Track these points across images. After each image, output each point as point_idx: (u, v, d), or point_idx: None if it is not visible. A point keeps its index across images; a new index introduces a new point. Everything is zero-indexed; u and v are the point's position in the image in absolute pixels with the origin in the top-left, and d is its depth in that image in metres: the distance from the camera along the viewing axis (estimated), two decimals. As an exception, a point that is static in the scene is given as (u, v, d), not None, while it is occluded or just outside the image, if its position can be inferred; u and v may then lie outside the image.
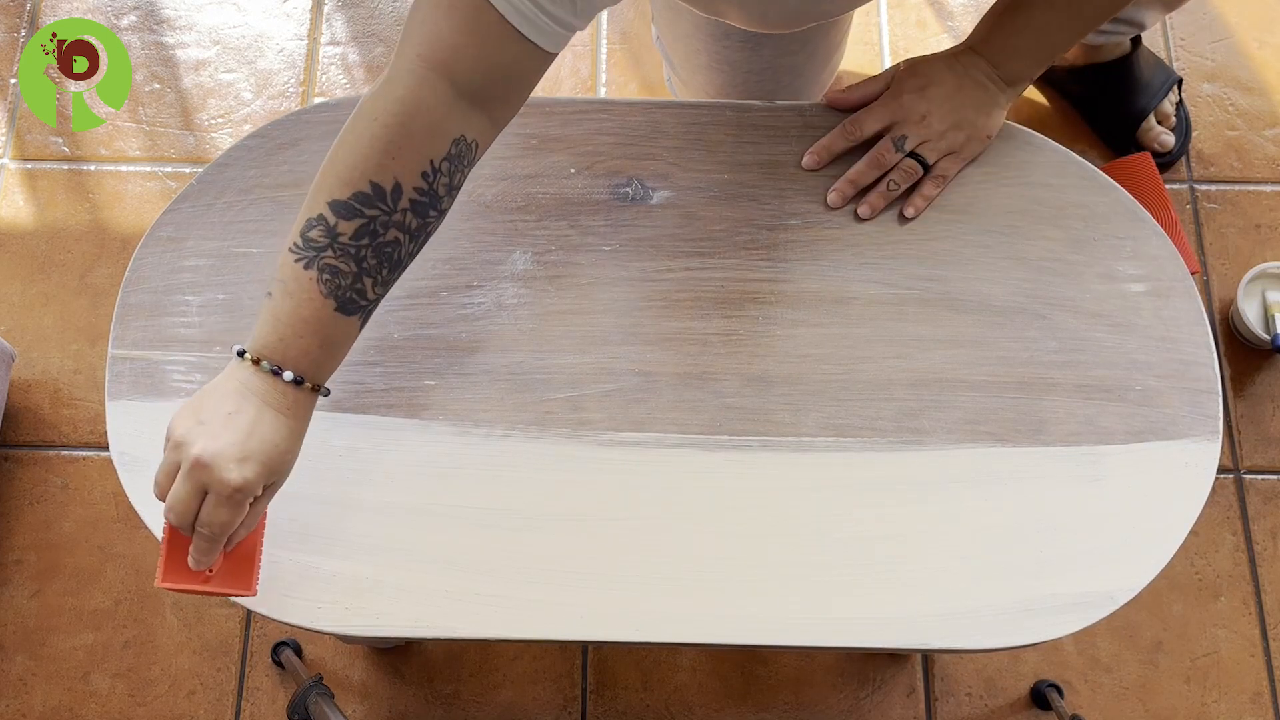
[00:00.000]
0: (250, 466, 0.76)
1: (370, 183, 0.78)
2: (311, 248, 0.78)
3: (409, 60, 0.78)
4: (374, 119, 0.78)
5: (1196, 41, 1.63)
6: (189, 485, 0.76)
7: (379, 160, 0.78)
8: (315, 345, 0.79)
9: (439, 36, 0.78)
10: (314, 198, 0.79)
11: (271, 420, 0.78)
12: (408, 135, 0.78)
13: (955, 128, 0.96)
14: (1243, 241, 1.52)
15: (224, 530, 0.77)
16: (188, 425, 0.77)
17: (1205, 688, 1.32)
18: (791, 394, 0.92)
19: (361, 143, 0.78)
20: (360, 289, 0.79)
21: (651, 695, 1.32)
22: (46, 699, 1.32)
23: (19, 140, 1.57)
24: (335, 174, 0.78)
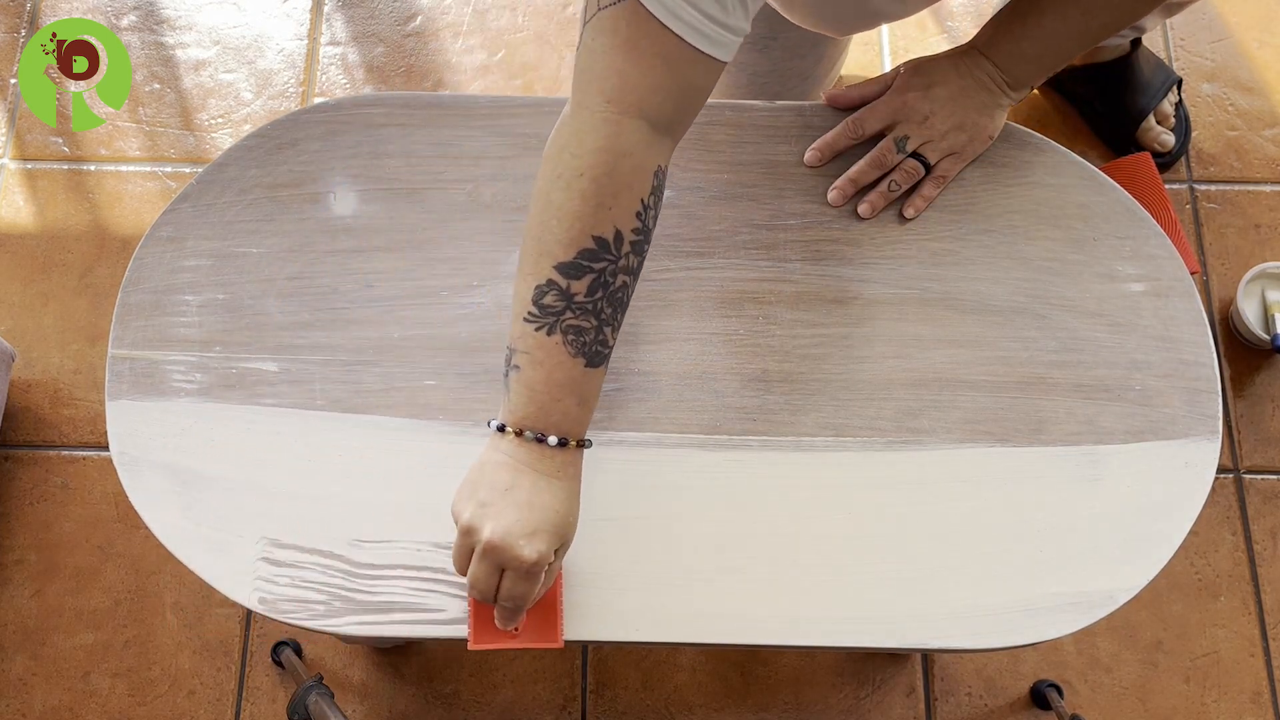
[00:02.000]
0: (541, 539, 0.78)
1: (593, 237, 0.78)
2: (549, 314, 0.78)
3: (597, 108, 0.78)
4: (579, 175, 0.78)
5: (1196, 41, 1.63)
6: (486, 566, 0.78)
7: (595, 214, 0.78)
8: (574, 404, 0.80)
9: (625, 78, 0.78)
10: (535, 263, 0.79)
11: (547, 487, 0.79)
12: (616, 183, 0.78)
13: (958, 129, 0.96)
14: (1242, 241, 1.52)
15: (525, 600, 0.79)
16: (471, 509, 0.79)
17: (1205, 687, 1.32)
18: (791, 394, 0.92)
19: (573, 201, 0.78)
20: (603, 339, 0.80)
21: (651, 695, 1.32)
22: (46, 699, 1.32)
23: (19, 140, 1.57)
24: (553, 236, 0.78)
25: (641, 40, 0.77)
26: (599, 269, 0.78)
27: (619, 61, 0.78)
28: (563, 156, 0.79)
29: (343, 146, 0.99)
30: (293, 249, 0.96)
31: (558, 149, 0.79)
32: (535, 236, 0.79)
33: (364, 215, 0.97)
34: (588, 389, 0.80)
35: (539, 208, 0.80)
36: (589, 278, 0.78)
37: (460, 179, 0.98)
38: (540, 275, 0.79)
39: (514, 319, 0.80)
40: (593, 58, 0.79)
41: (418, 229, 0.97)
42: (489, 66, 1.62)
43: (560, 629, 0.84)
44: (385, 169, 0.98)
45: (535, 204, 0.80)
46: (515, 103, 1.00)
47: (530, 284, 0.79)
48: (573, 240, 0.78)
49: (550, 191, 0.79)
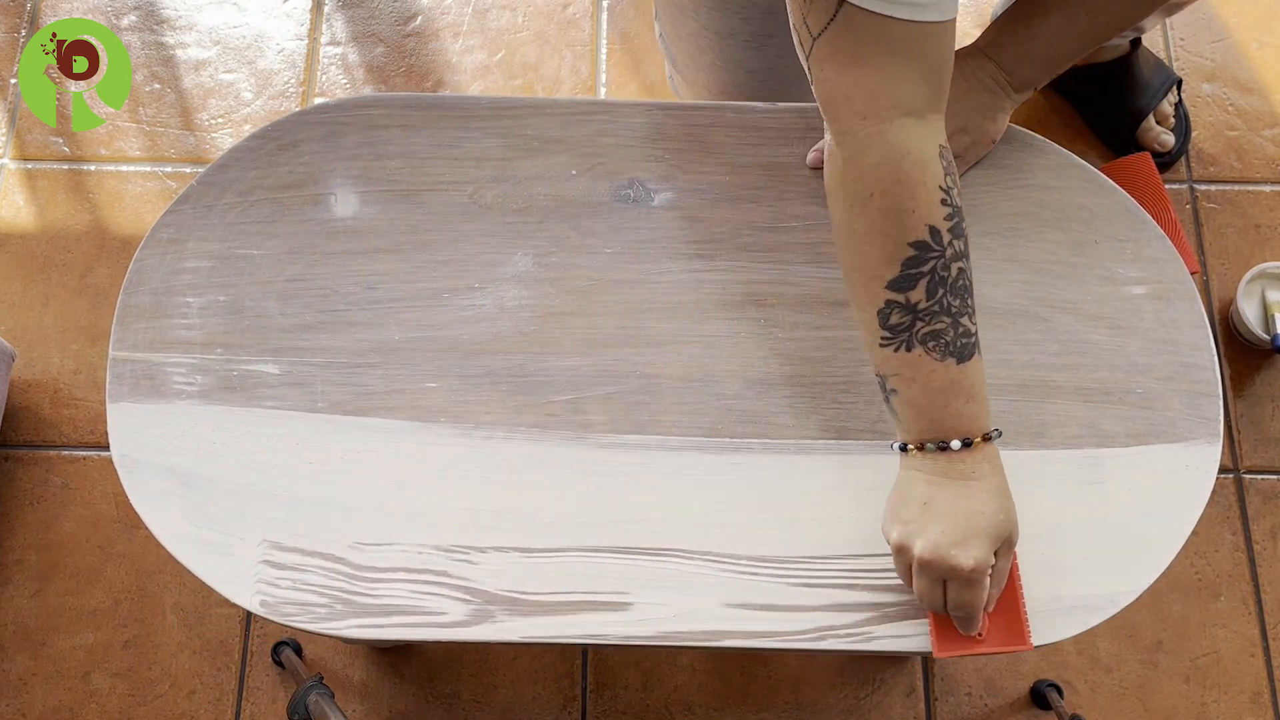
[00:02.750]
0: (973, 545, 0.78)
1: (909, 245, 0.78)
2: (900, 331, 0.79)
3: (856, 129, 0.78)
4: (869, 196, 0.78)
5: (1196, 41, 1.63)
6: (926, 580, 0.80)
7: (901, 223, 0.78)
8: (963, 404, 0.80)
9: (868, 90, 0.77)
10: (867, 291, 0.80)
11: (965, 492, 0.80)
12: (908, 187, 0.78)
13: (960, 131, 0.96)
14: (1242, 241, 1.52)
15: (975, 607, 0.80)
16: (898, 530, 0.81)
17: (1205, 687, 1.33)
18: (793, 396, 0.92)
19: (874, 221, 0.78)
20: (963, 331, 0.80)
21: (651, 695, 1.32)
22: (46, 699, 1.32)
23: (19, 140, 1.57)
24: (873, 260, 0.79)
25: (866, 47, 0.76)
26: (929, 269, 0.78)
27: (854, 76, 0.77)
28: (845, 185, 0.79)
29: (344, 148, 0.99)
30: (294, 250, 0.96)
31: (837, 181, 0.80)
32: (856, 267, 0.80)
33: (365, 217, 0.97)
34: (971, 383, 0.80)
35: (846, 240, 0.80)
36: (923, 282, 0.78)
37: (461, 180, 0.98)
38: (876, 300, 0.79)
39: (870, 349, 0.81)
40: (829, 86, 0.79)
41: (419, 230, 0.97)
42: (489, 67, 1.62)
43: (1026, 630, 0.83)
44: (386, 170, 0.98)
45: (841, 239, 0.81)
46: (516, 103, 1.00)
47: (870, 311, 0.80)
48: (892, 256, 0.78)
49: (850, 222, 0.80)
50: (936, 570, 0.79)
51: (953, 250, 0.79)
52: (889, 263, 0.78)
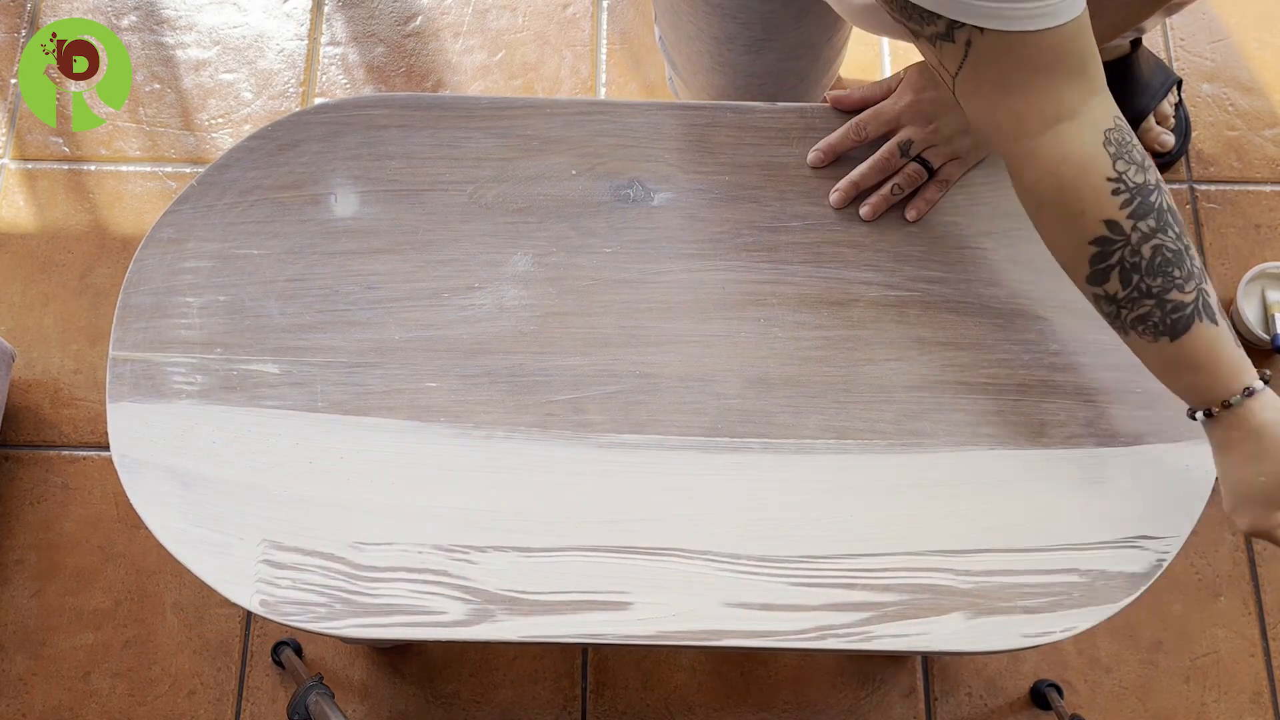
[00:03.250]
0: (1242, 514, 0.82)
1: (1089, 243, 0.79)
2: (1112, 319, 0.82)
3: (1012, 149, 0.79)
4: (1039, 209, 0.81)
5: (1196, 41, 1.63)
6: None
7: (1074, 226, 0.79)
8: (1188, 376, 0.81)
9: (1018, 114, 0.78)
10: (1078, 285, 0.82)
11: (1228, 464, 0.82)
12: (1071, 190, 0.78)
13: (962, 133, 0.96)
14: (1242, 241, 1.52)
15: None
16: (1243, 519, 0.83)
17: (1205, 687, 1.33)
18: (793, 396, 0.92)
19: (1052, 230, 0.81)
20: (1172, 306, 0.79)
21: (651, 695, 1.32)
22: (46, 699, 1.32)
23: (19, 140, 1.57)
24: (1067, 261, 0.82)
25: (1007, 73, 0.76)
26: (1117, 261, 0.79)
27: (1004, 104, 0.78)
28: (1022, 199, 0.82)
29: (344, 148, 0.99)
30: (294, 250, 0.96)
31: (1021, 200, 0.82)
32: (1065, 268, 0.83)
33: (365, 217, 0.97)
34: (1191, 355, 0.80)
35: (1050, 247, 0.83)
36: (1115, 273, 0.79)
37: (461, 180, 0.98)
38: (1085, 290, 0.82)
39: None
40: (981, 119, 0.80)
41: (419, 230, 0.97)
42: (489, 67, 1.62)
43: None
44: (386, 170, 0.98)
45: (1049, 246, 0.83)
46: (516, 104, 1.00)
47: (1088, 297, 0.83)
48: (1078, 255, 0.80)
49: (1039, 230, 0.82)
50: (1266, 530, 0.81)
51: (1139, 234, 0.78)
52: (1079, 262, 0.80)
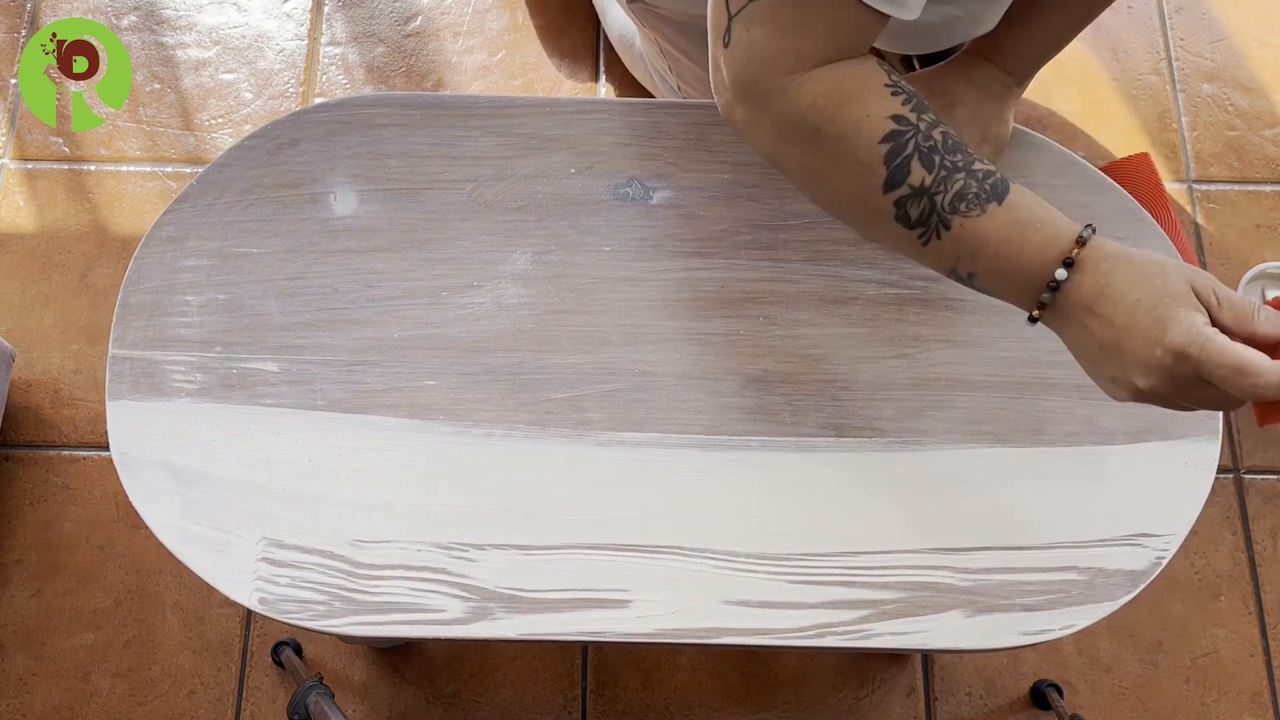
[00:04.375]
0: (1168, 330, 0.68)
1: (879, 143, 0.74)
2: (928, 216, 0.75)
3: (785, 85, 0.76)
4: (814, 132, 0.75)
5: (1196, 41, 1.63)
6: (1189, 396, 0.69)
7: (860, 132, 0.75)
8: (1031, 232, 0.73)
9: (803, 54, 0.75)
10: (870, 211, 0.76)
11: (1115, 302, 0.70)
12: (852, 100, 0.75)
13: (982, 142, 0.96)
14: (1242, 241, 1.52)
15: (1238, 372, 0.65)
16: (1116, 390, 0.73)
17: (1205, 688, 1.32)
18: (792, 394, 0.92)
19: (832, 150, 0.76)
20: (983, 173, 0.74)
21: (651, 695, 1.32)
22: (46, 699, 1.32)
23: (19, 140, 1.57)
24: (856, 180, 0.76)
25: (815, 18, 0.74)
26: (912, 148, 0.74)
27: (791, 43, 0.74)
28: (783, 136, 0.76)
29: (343, 147, 0.99)
30: (293, 249, 0.96)
31: (770, 139, 0.77)
32: (845, 200, 0.77)
33: (364, 215, 0.97)
34: (1027, 211, 0.74)
35: (815, 182, 0.78)
36: (915, 160, 0.74)
37: (461, 179, 0.98)
38: (885, 210, 0.75)
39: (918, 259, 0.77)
40: (754, 49, 0.75)
41: (418, 229, 0.97)
42: (489, 66, 1.62)
43: None
44: (386, 169, 0.98)
45: (809, 184, 0.78)
46: (515, 103, 1.00)
47: (890, 225, 0.76)
48: (869, 162, 0.75)
49: (809, 164, 0.77)
50: (1178, 384, 0.68)
51: (925, 123, 0.75)
52: (872, 171, 0.74)
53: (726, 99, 0.79)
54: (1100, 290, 0.71)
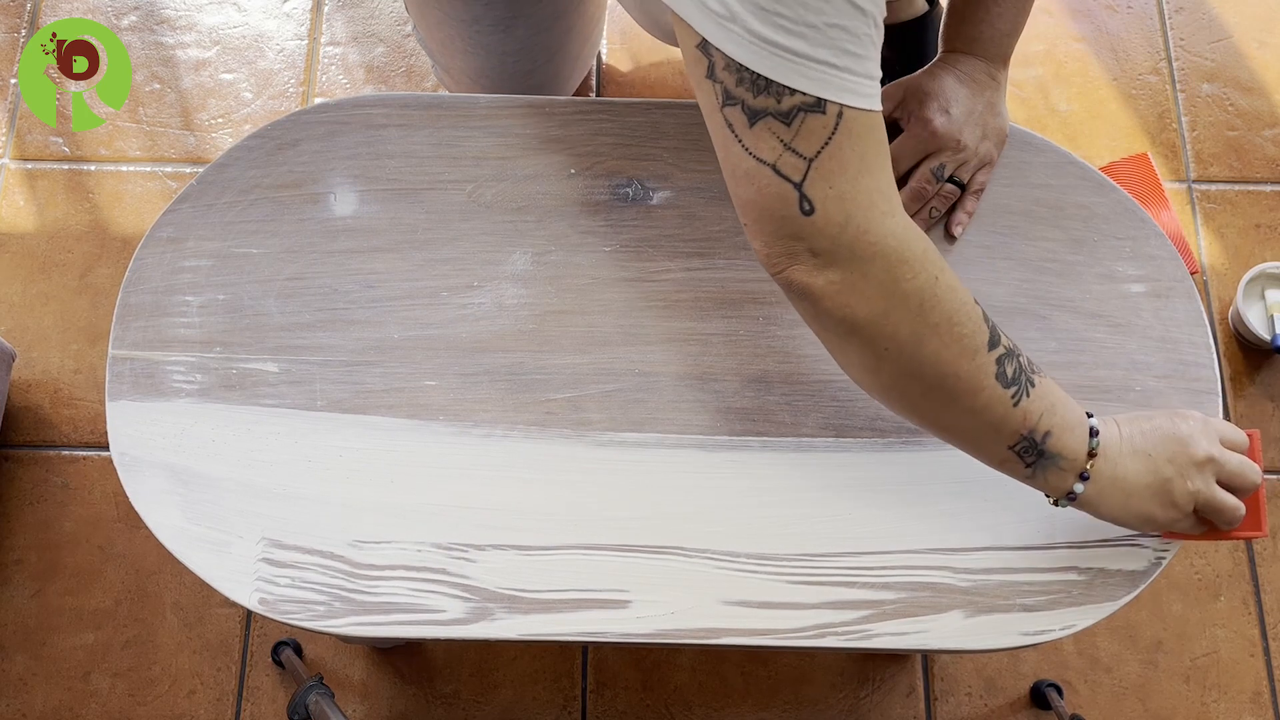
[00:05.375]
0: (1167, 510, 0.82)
1: (974, 301, 0.76)
2: (1019, 375, 0.77)
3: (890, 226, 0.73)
4: (934, 280, 0.74)
5: (1196, 41, 1.63)
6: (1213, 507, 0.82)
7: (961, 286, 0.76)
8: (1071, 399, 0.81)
9: (884, 190, 0.73)
10: (974, 376, 0.76)
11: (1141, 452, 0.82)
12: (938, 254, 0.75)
13: (983, 139, 0.96)
14: (1242, 241, 1.52)
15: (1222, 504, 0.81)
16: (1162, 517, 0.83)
17: (1205, 687, 1.32)
18: (792, 394, 0.92)
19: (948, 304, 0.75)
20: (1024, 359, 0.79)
21: (651, 695, 1.32)
22: (47, 699, 1.32)
23: (19, 140, 1.57)
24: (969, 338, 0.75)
25: (870, 148, 0.72)
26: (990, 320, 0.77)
27: (871, 181, 0.72)
28: (900, 288, 0.73)
29: (343, 147, 0.99)
30: (293, 249, 0.96)
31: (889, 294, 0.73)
32: (953, 358, 0.74)
33: (364, 216, 0.97)
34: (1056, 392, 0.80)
35: (925, 350, 0.74)
36: (997, 329, 0.77)
37: (460, 179, 0.98)
38: (988, 370, 0.75)
39: (1001, 431, 0.77)
40: (848, 202, 0.71)
41: (418, 229, 0.97)
42: (489, 66, 1.62)
43: (1263, 517, 0.84)
44: (386, 169, 0.98)
45: (917, 353, 0.74)
46: (515, 103, 1.00)
47: (991, 390, 0.76)
48: (974, 318, 0.75)
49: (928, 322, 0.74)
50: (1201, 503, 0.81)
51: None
52: (977, 329, 0.75)
53: (812, 264, 0.73)
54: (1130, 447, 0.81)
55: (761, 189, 0.72)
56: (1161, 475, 0.80)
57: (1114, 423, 0.81)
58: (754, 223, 0.74)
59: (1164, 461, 0.80)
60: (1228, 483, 0.82)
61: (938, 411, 0.78)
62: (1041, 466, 0.79)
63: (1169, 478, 0.80)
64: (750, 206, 0.73)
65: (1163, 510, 0.81)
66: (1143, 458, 0.80)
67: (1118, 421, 0.81)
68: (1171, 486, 0.80)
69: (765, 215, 0.73)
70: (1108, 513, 0.81)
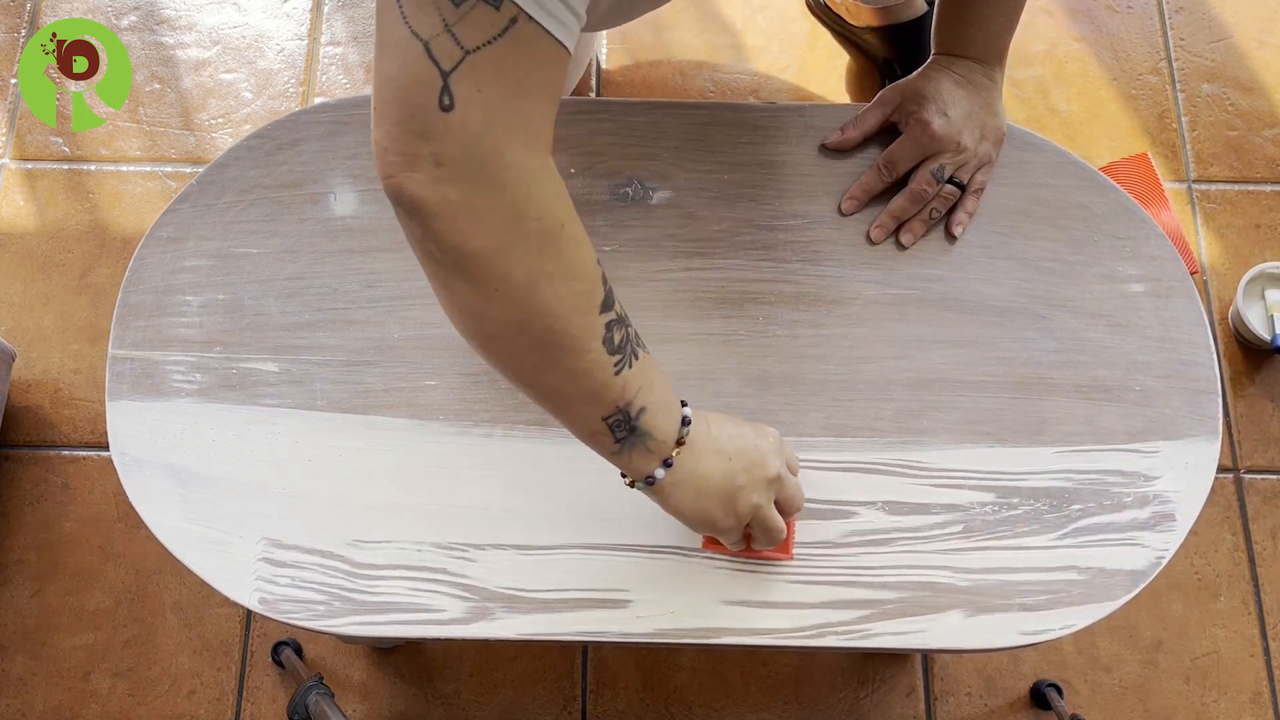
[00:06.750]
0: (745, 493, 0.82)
1: (596, 261, 0.73)
2: (624, 344, 0.74)
3: (526, 160, 0.67)
4: (559, 227, 0.69)
5: (1196, 41, 1.63)
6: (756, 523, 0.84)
7: (588, 243, 0.72)
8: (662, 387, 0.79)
9: (536, 123, 0.67)
10: (583, 328, 0.71)
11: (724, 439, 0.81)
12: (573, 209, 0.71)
13: (982, 139, 0.96)
14: (1242, 241, 1.52)
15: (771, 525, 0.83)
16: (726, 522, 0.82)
17: (1205, 687, 1.32)
18: (791, 394, 0.92)
19: (570, 254, 0.70)
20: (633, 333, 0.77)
21: (651, 695, 1.32)
22: (47, 699, 1.32)
23: (19, 140, 1.57)
24: (583, 292, 0.71)
25: (534, 73, 0.66)
26: (608, 283, 0.73)
27: (521, 105, 0.65)
28: (524, 225, 0.67)
29: (343, 147, 0.99)
30: (293, 249, 0.96)
31: (511, 228, 0.66)
32: (566, 311, 0.70)
33: (364, 215, 0.97)
34: (653, 368, 0.78)
35: (543, 293, 0.68)
36: (613, 293, 0.73)
37: (460, 179, 0.98)
38: (596, 330, 0.71)
39: (602, 392, 0.73)
40: (488, 111, 0.64)
41: (418, 229, 0.96)
42: (489, 66, 1.62)
43: (792, 542, 0.87)
44: (385, 169, 0.98)
45: (534, 295, 0.68)
46: (515, 103, 1.00)
47: (595, 346, 0.71)
48: (596, 279, 0.72)
49: (541, 265, 0.68)
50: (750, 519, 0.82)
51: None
52: (596, 287, 0.71)
53: (433, 175, 0.65)
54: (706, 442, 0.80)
55: (406, 65, 0.64)
56: (735, 482, 0.79)
57: (705, 419, 0.80)
58: (385, 104, 0.65)
59: (740, 469, 0.79)
60: (781, 504, 0.83)
61: (539, 369, 0.72)
62: (630, 444, 0.75)
63: (741, 486, 0.79)
64: (388, 84, 0.65)
65: (724, 516, 0.80)
66: (724, 460, 0.79)
67: (708, 419, 0.80)
68: (740, 495, 0.79)
69: (400, 97, 0.64)
70: (675, 504, 0.79)
